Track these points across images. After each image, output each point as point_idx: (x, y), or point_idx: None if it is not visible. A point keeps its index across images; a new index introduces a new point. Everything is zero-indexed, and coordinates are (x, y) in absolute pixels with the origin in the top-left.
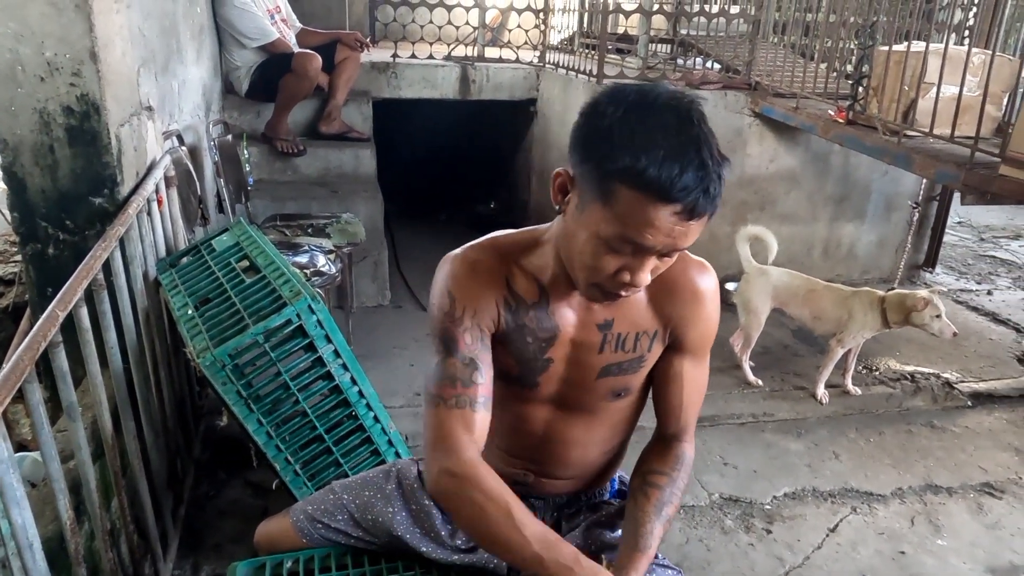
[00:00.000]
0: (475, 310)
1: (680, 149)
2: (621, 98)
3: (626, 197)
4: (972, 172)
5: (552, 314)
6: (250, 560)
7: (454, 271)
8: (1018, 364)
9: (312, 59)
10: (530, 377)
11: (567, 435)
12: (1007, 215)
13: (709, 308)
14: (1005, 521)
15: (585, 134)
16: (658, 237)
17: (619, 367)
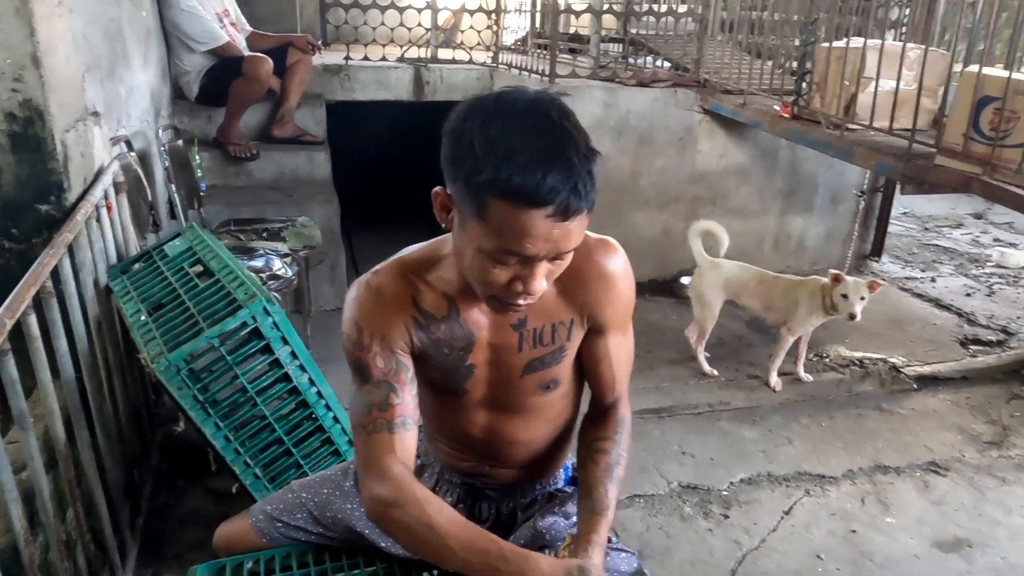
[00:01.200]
0: (383, 335)
1: (543, 151)
2: (479, 109)
3: (498, 209)
4: (910, 163)
5: (464, 323)
6: (210, 562)
7: (360, 299)
8: (960, 347)
9: (263, 62)
10: (457, 385)
11: (507, 434)
12: (949, 205)
13: (621, 285)
14: (949, 497)
15: (451, 151)
16: (538, 244)
17: (541, 361)
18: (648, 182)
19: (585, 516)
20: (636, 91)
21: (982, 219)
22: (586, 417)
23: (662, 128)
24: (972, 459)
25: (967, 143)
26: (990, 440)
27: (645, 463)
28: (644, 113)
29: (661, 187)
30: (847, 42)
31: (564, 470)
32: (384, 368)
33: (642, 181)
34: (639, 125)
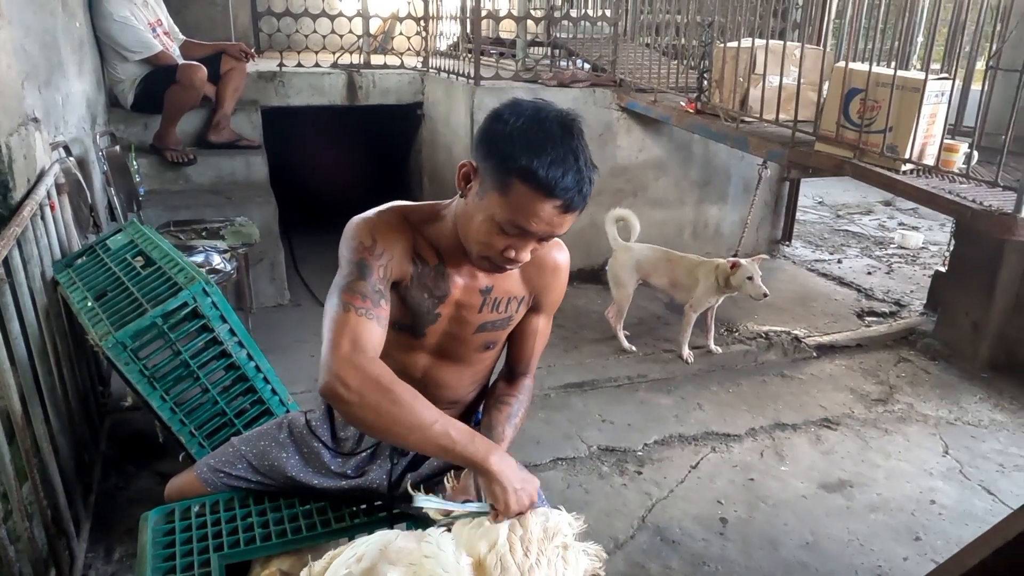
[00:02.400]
0: (393, 255)
1: (564, 157)
2: (521, 110)
3: (519, 190)
4: (795, 150)
5: (447, 277)
6: (160, 507)
7: (373, 221)
8: (857, 319)
9: (197, 70)
10: (420, 328)
11: (442, 379)
12: (862, 193)
13: (563, 279)
14: (837, 447)
15: (490, 136)
16: (540, 225)
17: (492, 324)
18: None
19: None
20: (557, 91)
21: (890, 206)
22: (499, 377)
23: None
24: (860, 414)
25: (839, 130)
26: (877, 398)
27: (568, 431)
28: None
29: None
30: (739, 43)
31: (475, 418)
32: (382, 279)
33: None
34: None
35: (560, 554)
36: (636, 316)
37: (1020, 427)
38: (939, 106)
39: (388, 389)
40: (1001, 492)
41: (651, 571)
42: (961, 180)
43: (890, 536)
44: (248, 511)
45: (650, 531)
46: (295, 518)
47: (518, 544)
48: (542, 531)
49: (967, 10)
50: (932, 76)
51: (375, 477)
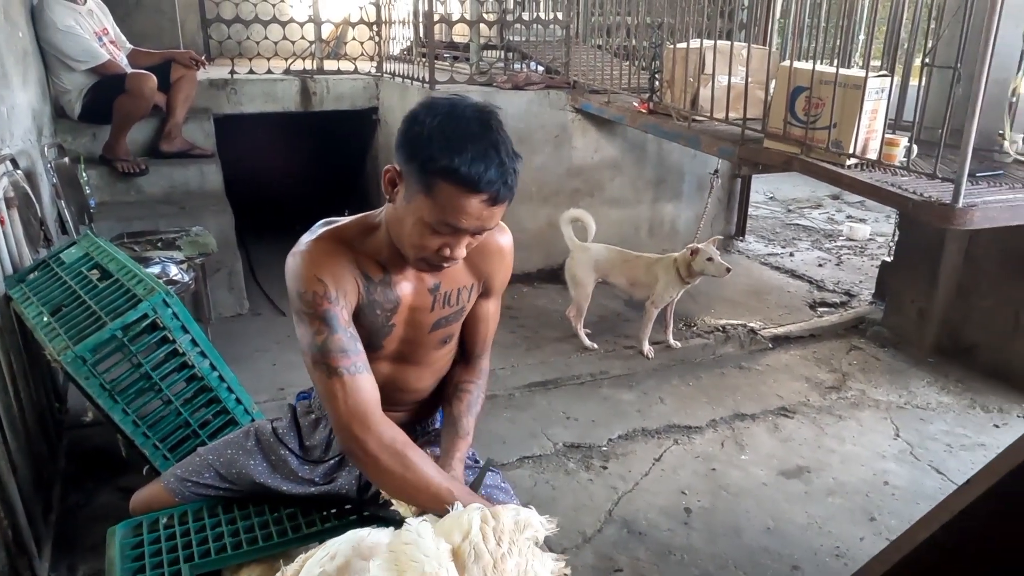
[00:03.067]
0: (344, 290)
1: (484, 151)
2: (436, 110)
3: (444, 190)
4: (745, 147)
5: (394, 287)
6: (127, 520)
7: (315, 259)
8: (810, 310)
9: (146, 79)
10: (376, 341)
11: (402, 383)
12: (811, 188)
13: (508, 260)
14: (795, 434)
15: (409, 138)
16: (470, 221)
17: (446, 319)
18: (529, 178)
19: (448, 438)
20: (512, 94)
21: (838, 199)
22: (455, 363)
23: (538, 127)
24: (815, 402)
25: (786, 127)
26: (831, 385)
27: (533, 429)
28: (521, 114)
29: (541, 183)
30: (688, 43)
31: (438, 413)
32: (348, 319)
33: (524, 177)
34: (517, 126)
35: (531, 546)
36: (596, 314)
37: (965, 408)
38: (880, 102)
39: (402, 454)
40: (949, 471)
41: (619, 563)
42: (902, 173)
43: (847, 518)
44: (217, 520)
45: (617, 524)
46: (265, 525)
47: (491, 533)
48: (513, 523)
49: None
50: (872, 74)
51: (344, 483)
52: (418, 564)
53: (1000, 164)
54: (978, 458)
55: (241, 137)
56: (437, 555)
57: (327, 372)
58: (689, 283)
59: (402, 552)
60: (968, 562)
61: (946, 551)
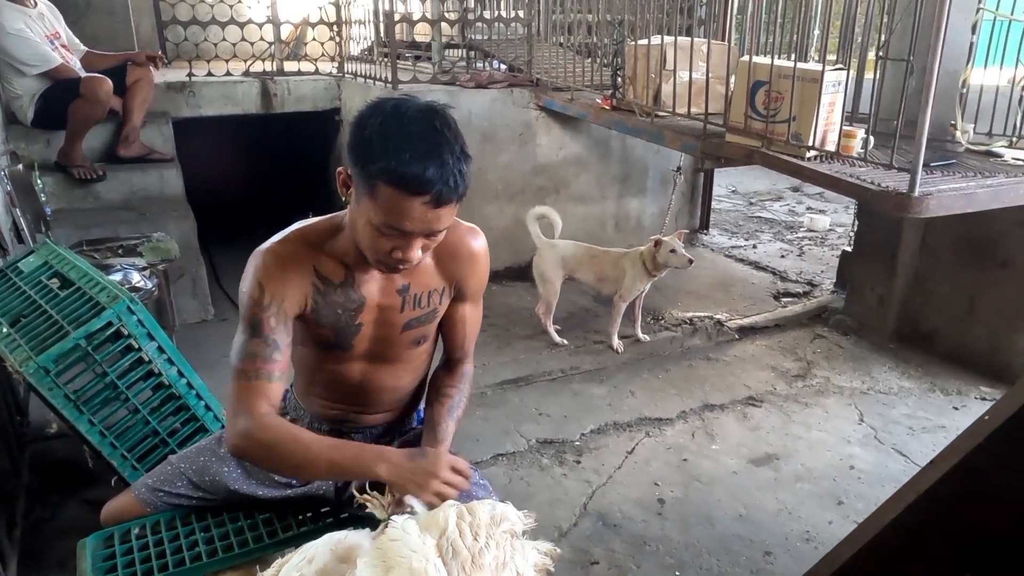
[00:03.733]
0: (283, 298)
1: (426, 152)
2: (380, 110)
3: (386, 192)
4: (707, 141)
5: (358, 288)
6: (98, 532)
7: (266, 264)
8: (774, 300)
9: (101, 82)
10: (345, 341)
11: (379, 382)
12: (771, 181)
13: (482, 264)
14: (763, 423)
15: (354, 141)
16: (415, 223)
17: (418, 320)
18: (495, 176)
19: (427, 442)
20: (476, 93)
21: (798, 191)
22: (438, 367)
23: (503, 126)
24: (782, 390)
25: (747, 121)
26: (797, 374)
27: (506, 427)
28: (485, 113)
29: (507, 181)
30: (649, 40)
31: (417, 413)
32: (275, 328)
33: (489, 176)
34: (481, 124)
35: (508, 539)
36: (565, 310)
37: (926, 392)
38: (837, 95)
39: (271, 448)
40: (912, 453)
41: (595, 556)
42: (860, 164)
43: (815, 503)
44: (191, 528)
45: (592, 517)
46: (241, 531)
47: (467, 529)
48: (489, 517)
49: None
50: (829, 67)
51: (320, 484)
52: (405, 560)
53: (953, 153)
54: (939, 440)
55: (202, 140)
56: (424, 550)
57: (235, 373)
58: (656, 276)
59: (389, 548)
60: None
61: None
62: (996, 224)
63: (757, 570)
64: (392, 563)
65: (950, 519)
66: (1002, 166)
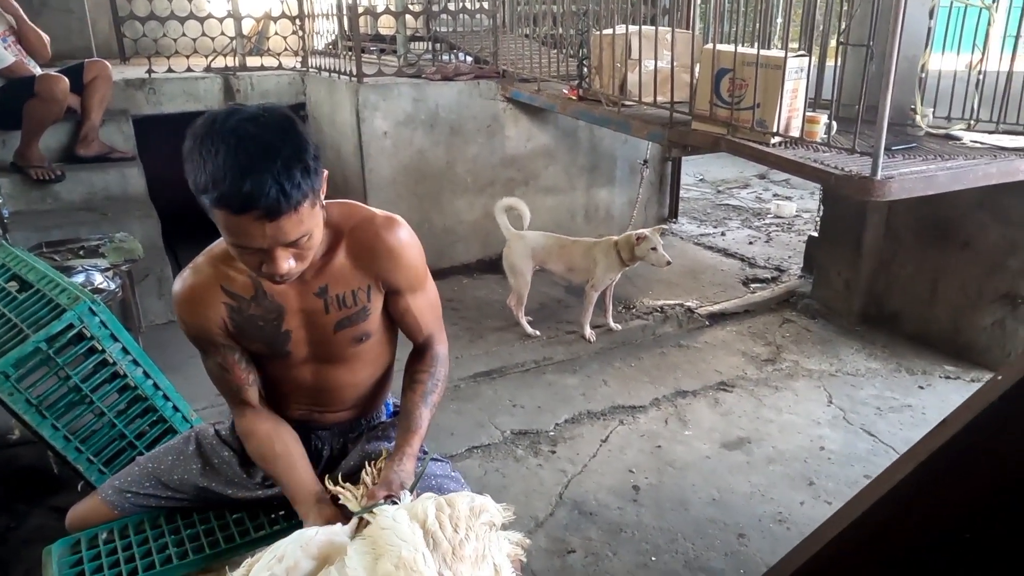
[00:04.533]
0: (202, 328)
1: (242, 167)
2: (196, 131)
3: (219, 216)
4: (673, 130)
5: (272, 297)
6: (64, 539)
7: (177, 301)
8: (743, 286)
9: (57, 81)
10: (278, 349)
11: (333, 381)
12: (739, 169)
13: (405, 255)
14: (735, 408)
15: (186, 170)
16: (256, 240)
17: (349, 319)
18: (464, 169)
19: (401, 432)
20: (442, 85)
21: (765, 178)
22: (410, 354)
23: (470, 118)
24: (753, 375)
25: (712, 109)
26: (767, 358)
27: (480, 419)
28: (452, 105)
29: (476, 173)
30: (613, 29)
31: (386, 406)
32: (216, 350)
33: (458, 169)
34: (448, 117)
35: (487, 531)
36: (537, 301)
37: (892, 373)
38: (799, 81)
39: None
40: (880, 433)
41: (572, 544)
42: (824, 149)
43: (787, 484)
44: (160, 531)
45: (568, 506)
46: (211, 532)
47: (447, 521)
48: (468, 509)
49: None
50: (791, 54)
51: None
52: (395, 548)
53: (913, 137)
54: (906, 419)
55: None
56: (413, 540)
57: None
58: (628, 266)
59: (379, 536)
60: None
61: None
62: (957, 206)
63: (731, 552)
64: (381, 551)
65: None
66: (961, 149)
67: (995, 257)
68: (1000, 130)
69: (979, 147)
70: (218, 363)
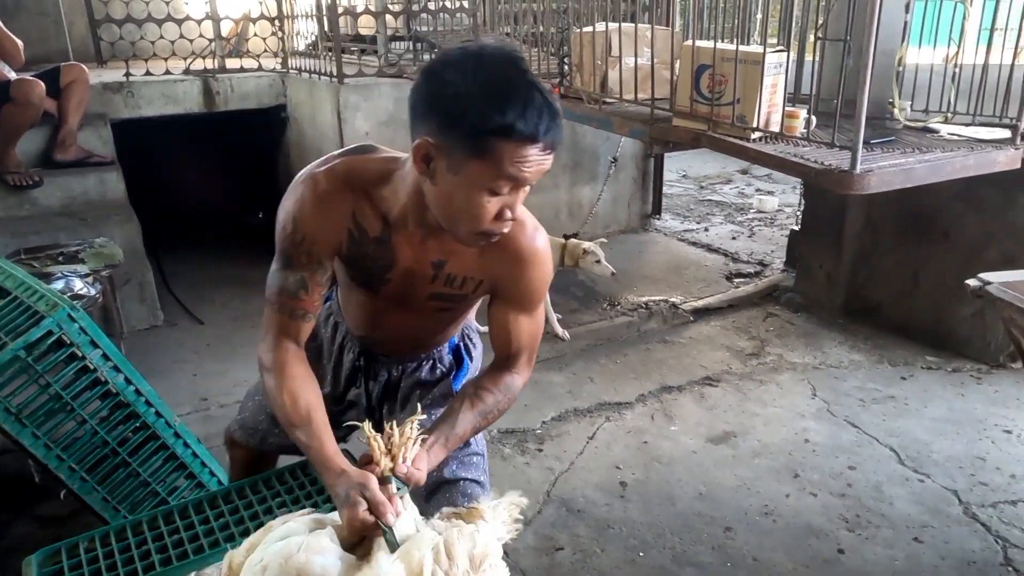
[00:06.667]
0: (315, 239)
1: (530, 96)
2: (462, 64)
3: (502, 147)
4: (655, 126)
5: (392, 248)
6: (44, 549)
7: (304, 198)
8: (727, 281)
9: (33, 85)
10: (373, 286)
11: (405, 324)
12: (721, 164)
13: (531, 269)
14: (720, 402)
15: (441, 103)
16: (531, 170)
17: (445, 297)
18: None
19: (443, 423)
20: None
21: (747, 174)
22: (489, 365)
23: None
24: (737, 369)
25: (693, 105)
26: (751, 352)
27: None
28: None
29: None
30: (594, 26)
31: (449, 343)
32: (305, 266)
33: None
34: None
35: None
36: None
37: (874, 364)
38: (779, 76)
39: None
40: (864, 424)
41: (560, 542)
42: (804, 144)
43: (773, 477)
44: (143, 537)
45: (555, 504)
46: (196, 538)
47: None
48: (468, 560)
49: None
50: (770, 49)
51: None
52: None
53: (892, 130)
54: (889, 410)
55: (143, 142)
56: None
57: (266, 296)
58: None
59: None
60: None
61: None
62: (935, 198)
63: (718, 546)
64: None
65: None
66: (939, 141)
67: (974, 248)
68: (976, 122)
69: (956, 139)
70: (301, 279)
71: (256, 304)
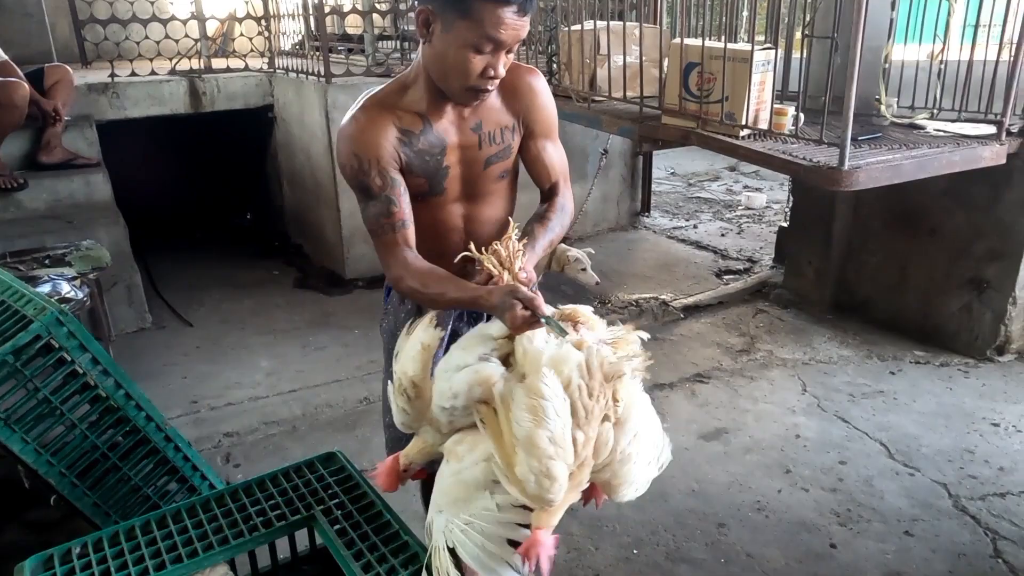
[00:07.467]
0: (377, 158)
1: None
2: None
3: (480, 7)
4: (644, 124)
5: (436, 132)
6: (36, 555)
7: (352, 134)
8: (716, 278)
9: (17, 87)
10: (438, 185)
11: (478, 216)
12: (709, 162)
13: (543, 96)
14: (711, 399)
15: None
16: (508, 32)
17: (496, 156)
18: None
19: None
20: None
21: (735, 171)
22: (540, 201)
23: None
24: (728, 366)
25: (681, 103)
26: (741, 349)
27: None
28: None
29: None
30: (582, 25)
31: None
32: (382, 185)
33: None
34: None
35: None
36: None
37: (863, 359)
38: (767, 74)
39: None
40: (854, 419)
41: None
42: (792, 140)
43: (764, 473)
44: (136, 543)
45: None
46: (189, 542)
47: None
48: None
49: None
50: (758, 47)
51: None
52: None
53: (879, 127)
54: (878, 404)
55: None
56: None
57: (370, 235)
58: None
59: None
60: None
61: None
62: (923, 194)
63: (711, 542)
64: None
65: None
66: (925, 137)
67: (961, 243)
68: (962, 118)
69: (942, 135)
70: (386, 198)
71: (246, 305)
